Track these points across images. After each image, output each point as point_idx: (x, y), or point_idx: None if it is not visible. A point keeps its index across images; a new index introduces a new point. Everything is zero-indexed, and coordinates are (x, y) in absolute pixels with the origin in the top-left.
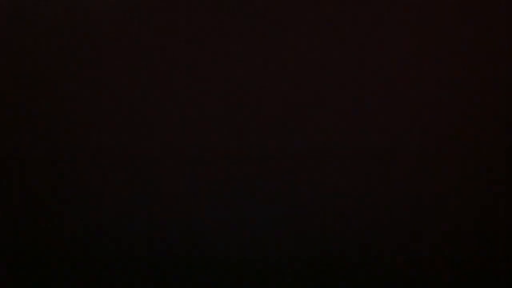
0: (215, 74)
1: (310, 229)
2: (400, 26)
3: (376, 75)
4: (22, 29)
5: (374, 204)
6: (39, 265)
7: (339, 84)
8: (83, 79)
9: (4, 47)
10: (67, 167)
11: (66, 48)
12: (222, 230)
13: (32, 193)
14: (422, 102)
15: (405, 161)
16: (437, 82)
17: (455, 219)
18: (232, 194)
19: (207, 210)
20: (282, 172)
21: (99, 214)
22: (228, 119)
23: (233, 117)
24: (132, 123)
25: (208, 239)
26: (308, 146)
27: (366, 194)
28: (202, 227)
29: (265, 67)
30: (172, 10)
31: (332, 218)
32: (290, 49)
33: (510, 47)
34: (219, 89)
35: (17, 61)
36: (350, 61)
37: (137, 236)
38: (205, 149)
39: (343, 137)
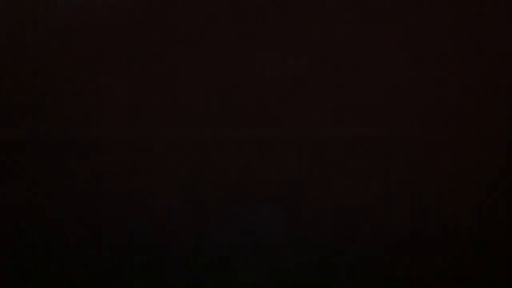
0: (216, 70)
1: (308, 225)
2: (399, 24)
3: (377, 72)
4: (23, 27)
5: (373, 202)
6: (38, 263)
7: (340, 81)
8: (84, 75)
9: (5, 44)
10: (66, 162)
11: (66, 44)
12: (222, 229)
13: (31, 188)
14: (422, 101)
15: (406, 159)
16: (437, 81)
17: (455, 218)
18: (231, 192)
19: (206, 209)
20: (281, 166)
21: (99, 211)
22: (227, 115)
23: (233, 113)
24: (132, 119)
25: (208, 239)
26: (309, 141)
27: (365, 192)
28: (203, 227)
29: (266, 63)
30: (172, 10)
31: (331, 215)
32: (290, 44)
33: (510, 47)
34: (220, 85)
35: (17, 58)
36: (351, 59)
37: (137, 234)
38: (204, 146)
39: (343, 134)
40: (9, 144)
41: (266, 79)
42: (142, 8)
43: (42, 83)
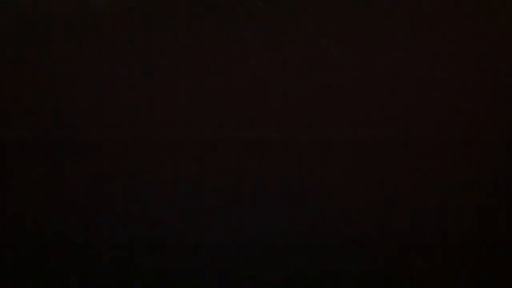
0: (216, 70)
1: (308, 226)
2: (400, 25)
3: (377, 72)
4: (23, 27)
5: (373, 202)
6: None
7: (340, 81)
8: (84, 75)
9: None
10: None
11: (66, 44)
12: (221, 228)
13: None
14: (422, 101)
15: (406, 159)
16: (437, 82)
17: (455, 218)
18: (232, 191)
19: (205, 209)
20: (283, 166)
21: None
22: (227, 115)
23: (233, 113)
24: (132, 119)
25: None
26: (309, 141)
27: (366, 192)
28: (202, 227)
29: (268, 65)
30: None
31: (332, 215)
32: (291, 44)
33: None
34: (221, 85)
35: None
36: (351, 59)
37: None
38: (204, 145)
39: (343, 134)
40: (9, 144)
41: (266, 79)
42: (142, 8)
43: (42, 83)
